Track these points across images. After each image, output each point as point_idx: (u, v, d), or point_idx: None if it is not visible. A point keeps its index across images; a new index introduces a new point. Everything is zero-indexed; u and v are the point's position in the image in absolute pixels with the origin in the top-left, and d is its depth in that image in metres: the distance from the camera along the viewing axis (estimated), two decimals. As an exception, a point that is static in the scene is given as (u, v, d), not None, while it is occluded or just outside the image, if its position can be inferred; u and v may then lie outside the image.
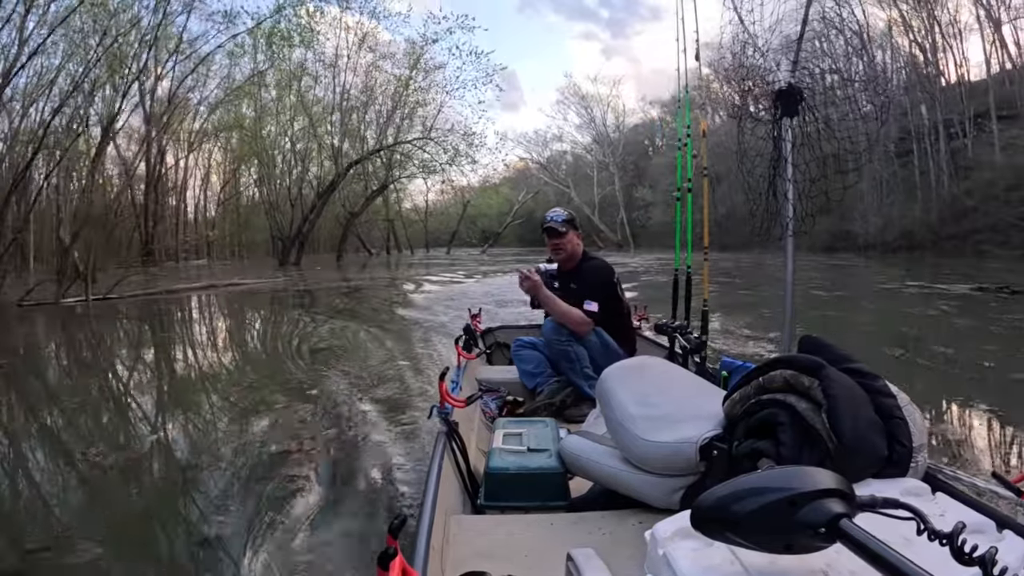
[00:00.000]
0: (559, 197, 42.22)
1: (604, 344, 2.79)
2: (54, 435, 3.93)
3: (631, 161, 44.32)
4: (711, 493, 0.75)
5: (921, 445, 1.15)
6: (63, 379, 5.83)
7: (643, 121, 47.33)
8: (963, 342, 6.23)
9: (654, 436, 1.43)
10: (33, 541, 2.38)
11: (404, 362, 5.69)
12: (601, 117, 45.19)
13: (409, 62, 26.24)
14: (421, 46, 25.68)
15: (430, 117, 26.75)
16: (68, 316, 9.82)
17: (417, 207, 39.49)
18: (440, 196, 38.40)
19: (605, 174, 43.00)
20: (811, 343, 1.35)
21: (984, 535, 0.90)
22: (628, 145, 45.25)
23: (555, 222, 2.93)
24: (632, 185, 42.13)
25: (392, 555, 0.87)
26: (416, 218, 39.41)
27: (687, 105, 3.19)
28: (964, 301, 9.42)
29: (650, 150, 46.03)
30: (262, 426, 3.76)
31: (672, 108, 42.76)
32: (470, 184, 31.04)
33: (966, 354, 5.51)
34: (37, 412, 4.49)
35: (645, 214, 39.81)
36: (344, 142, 25.99)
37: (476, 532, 1.45)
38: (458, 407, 2.05)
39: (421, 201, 39.93)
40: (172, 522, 2.55)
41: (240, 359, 6.56)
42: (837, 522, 0.68)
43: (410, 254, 35.47)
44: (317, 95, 25.64)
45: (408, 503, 2.57)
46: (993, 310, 8.47)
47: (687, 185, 2.95)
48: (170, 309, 11.18)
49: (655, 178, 39.92)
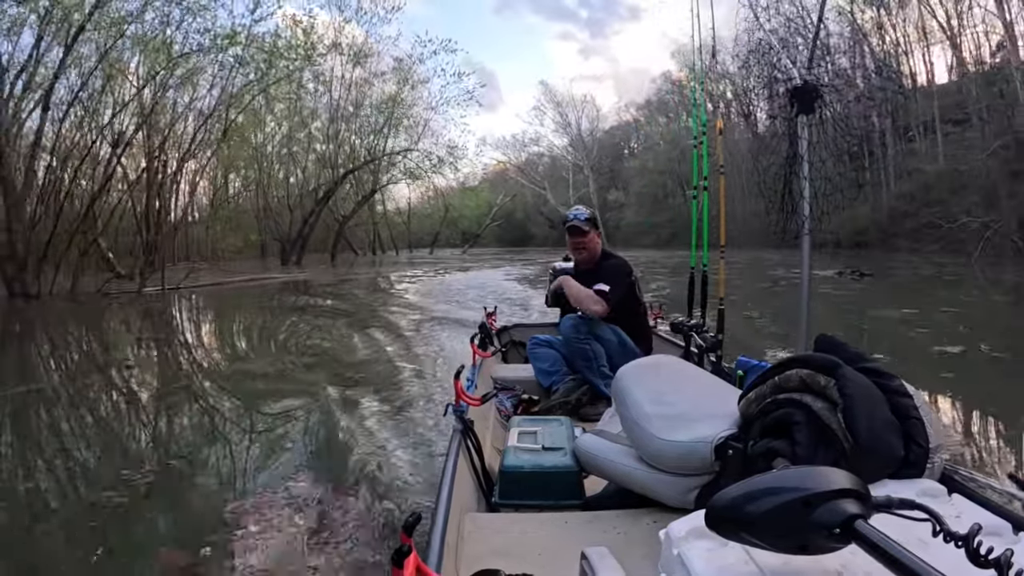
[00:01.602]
0: (536, 199, 44.62)
1: (621, 342, 2.79)
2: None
3: (606, 164, 45.84)
4: (726, 493, 0.75)
5: (938, 446, 1.14)
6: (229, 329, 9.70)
7: (619, 123, 48.69)
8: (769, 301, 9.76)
9: (669, 435, 1.43)
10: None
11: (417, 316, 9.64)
12: (576, 122, 46.77)
13: (397, 78, 28.67)
14: (408, 67, 28.22)
15: (417, 127, 29.45)
16: (158, 301, 12.48)
17: (400, 209, 40.67)
18: (422, 198, 40.46)
19: (580, 176, 44.43)
20: (827, 342, 1.34)
21: (1000, 537, 0.89)
22: (603, 148, 46.78)
23: (579, 220, 2.91)
24: (606, 188, 43.67)
25: (406, 552, 0.88)
26: (399, 220, 40.25)
27: (702, 103, 3.14)
28: (820, 281, 11.43)
29: (626, 151, 47.34)
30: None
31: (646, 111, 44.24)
32: (450, 186, 33.39)
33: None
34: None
35: (618, 215, 40.66)
36: (338, 153, 28.09)
37: (490, 530, 1.46)
38: (473, 405, 2.07)
39: (403, 204, 41.20)
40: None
41: (303, 321, 9.74)
42: (852, 523, 0.68)
43: (395, 254, 36.93)
44: (310, 106, 27.38)
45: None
46: (832, 284, 11.76)
47: (703, 183, 2.93)
48: (231, 295, 14.08)
49: (628, 180, 41.88)
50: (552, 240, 41.17)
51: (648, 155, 41.87)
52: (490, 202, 44.86)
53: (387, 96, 28.77)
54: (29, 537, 2.49)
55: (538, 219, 47.55)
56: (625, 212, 40.52)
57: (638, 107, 46.70)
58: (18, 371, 6.16)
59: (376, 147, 28.88)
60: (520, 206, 47.60)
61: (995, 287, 12.02)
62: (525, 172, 46.96)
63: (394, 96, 28.50)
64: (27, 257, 12.36)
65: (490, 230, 45.85)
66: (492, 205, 44.58)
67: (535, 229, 48.30)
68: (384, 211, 37.27)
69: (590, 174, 43.91)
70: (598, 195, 42.06)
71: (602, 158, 46.68)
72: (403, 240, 40.79)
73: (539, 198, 45.72)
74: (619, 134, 48.73)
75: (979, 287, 11.92)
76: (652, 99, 44.74)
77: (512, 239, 47.59)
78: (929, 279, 13.55)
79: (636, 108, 46.96)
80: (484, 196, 44.76)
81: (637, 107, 46.81)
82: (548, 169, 48.54)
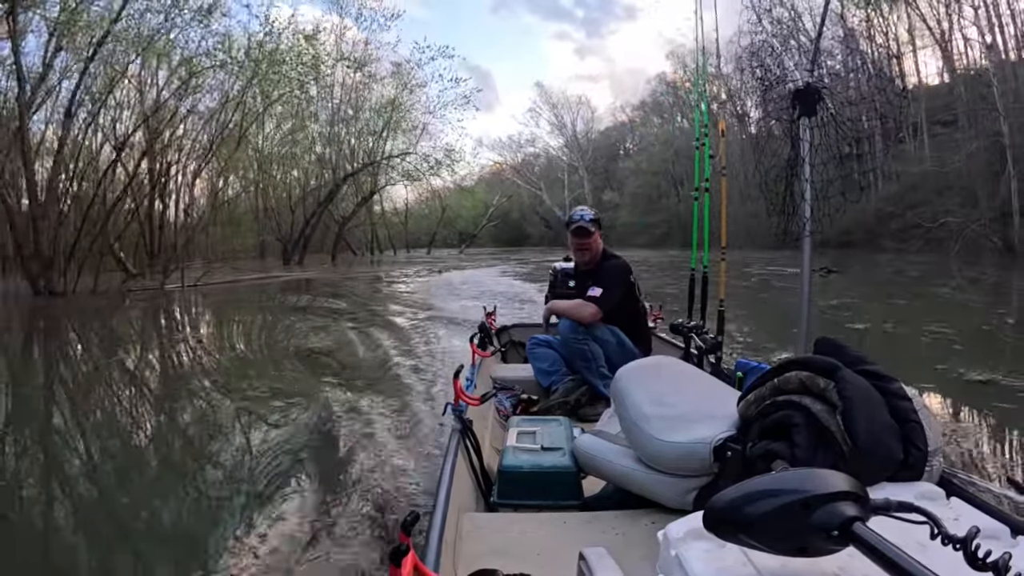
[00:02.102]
0: (532, 199, 45.40)
1: (620, 343, 2.78)
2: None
3: (601, 165, 46.53)
4: (724, 494, 0.75)
5: (936, 449, 1.14)
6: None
7: (614, 124, 49.37)
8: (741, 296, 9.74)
9: (668, 436, 1.43)
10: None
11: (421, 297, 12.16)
12: (571, 123, 47.65)
13: (396, 83, 29.58)
14: (407, 71, 29.09)
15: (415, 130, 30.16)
16: (179, 296, 13.68)
17: (397, 210, 41.26)
18: (419, 199, 41.07)
19: (576, 177, 45.30)
20: (827, 344, 1.34)
21: (998, 541, 0.89)
22: (598, 149, 47.53)
23: (584, 221, 2.89)
24: (601, 188, 44.24)
25: (404, 551, 0.88)
26: (396, 220, 40.88)
27: (704, 102, 3.14)
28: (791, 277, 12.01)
29: (621, 151, 47.90)
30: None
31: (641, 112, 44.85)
32: (447, 187, 34.23)
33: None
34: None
35: (613, 215, 40.91)
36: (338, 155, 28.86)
37: (489, 530, 1.46)
38: (472, 405, 2.07)
39: (400, 204, 41.76)
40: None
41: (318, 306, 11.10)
42: (850, 525, 0.68)
43: (393, 254, 37.68)
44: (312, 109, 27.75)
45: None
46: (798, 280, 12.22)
47: (704, 185, 2.92)
48: (248, 291, 15.13)
49: (623, 180, 42.66)
50: (548, 240, 42.16)
51: (642, 156, 42.70)
52: (486, 202, 45.40)
53: (386, 100, 29.52)
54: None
55: (534, 219, 48.26)
56: (619, 212, 40.88)
57: (633, 108, 47.51)
58: (110, 349, 7.28)
59: (376, 150, 29.50)
60: (516, 206, 48.18)
61: (951, 281, 12.56)
62: (521, 173, 47.62)
63: (393, 100, 29.24)
64: (53, 257, 13.32)
65: (486, 230, 46.39)
66: (488, 205, 45.13)
67: (531, 229, 49.04)
68: (382, 211, 37.91)
69: (585, 175, 44.84)
70: (593, 195, 42.64)
71: (597, 159, 47.40)
72: (400, 240, 41.36)
73: (535, 198, 46.43)
74: (614, 135, 49.35)
75: (937, 284, 12.35)
76: (647, 100, 45.49)
77: (508, 239, 48.27)
78: (895, 275, 14.29)
79: (631, 109, 47.75)
80: (480, 196, 45.22)
81: (632, 108, 47.64)
82: (544, 170, 49.27)
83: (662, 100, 43.31)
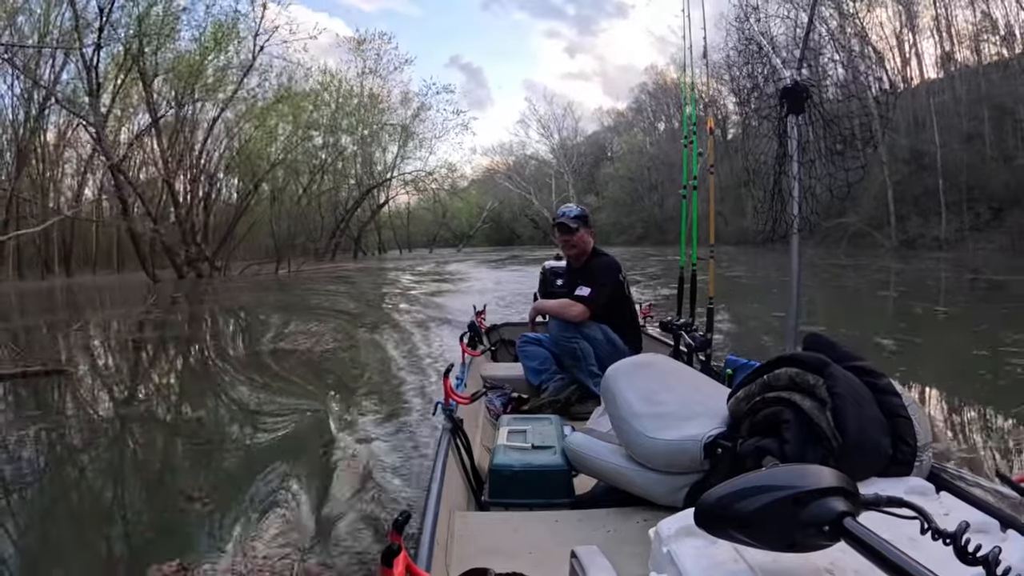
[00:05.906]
0: (522, 202, 48.72)
1: (610, 341, 2.78)
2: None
3: (585, 171, 49.91)
4: (715, 491, 0.75)
5: (926, 444, 1.14)
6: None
7: (600, 129, 52.68)
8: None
9: (659, 434, 1.43)
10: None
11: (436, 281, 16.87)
12: (558, 132, 51.27)
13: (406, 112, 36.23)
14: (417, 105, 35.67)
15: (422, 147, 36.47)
16: (292, 279, 18.97)
17: (400, 213, 45.25)
18: (419, 203, 44.66)
19: (562, 181, 48.13)
20: (816, 341, 1.35)
21: (988, 535, 0.90)
22: (582, 156, 50.83)
23: (567, 218, 2.91)
24: (584, 192, 46.83)
25: (396, 551, 0.87)
26: (399, 223, 45.15)
27: (692, 101, 3.15)
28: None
29: (608, 152, 50.71)
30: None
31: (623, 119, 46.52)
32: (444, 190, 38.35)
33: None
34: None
35: (595, 216, 41.21)
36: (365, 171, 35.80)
37: (480, 529, 1.45)
38: (463, 404, 2.06)
39: (402, 207, 45.57)
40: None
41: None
42: (841, 520, 0.68)
43: (399, 253, 42.27)
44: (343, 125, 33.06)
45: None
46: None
47: (692, 183, 2.93)
48: (339, 272, 21.23)
49: (604, 184, 45.97)
50: (537, 239, 44.77)
51: (621, 163, 45.82)
52: (480, 205, 48.08)
53: (400, 125, 36.00)
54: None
55: (523, 220, 50.78)
56: (600, 214, 43.00)
57: (617, 114, 50.95)
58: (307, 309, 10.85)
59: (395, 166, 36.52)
60: (507, 208, 50.91)
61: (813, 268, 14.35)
62: (512, 177, 50.27)
63: (405, 126, 35.98)
64: (202, 249, 20.48)
65: (480, 231, 49.42)
66: (483, 208, 47.86)
67: (521, 229, 51.56)
68: (389, 214, 42.74)
69: (570, 179, 47.77)
70: (577, 199, 44.69)
71: (582, 164, 50.32)
72: (403, 241, 45.51)
73: (525, 201, 49.04)
74: (601, 138, 52.15)
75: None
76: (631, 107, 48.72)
77: (500, 239, 50.83)
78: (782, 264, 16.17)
79: (615, 116, 51.20)
80: (474, 199, 47.87)
81: (616, 114, 51.11)
82: (534, 173, 51.76)
83: (644, 108, 46.42)
